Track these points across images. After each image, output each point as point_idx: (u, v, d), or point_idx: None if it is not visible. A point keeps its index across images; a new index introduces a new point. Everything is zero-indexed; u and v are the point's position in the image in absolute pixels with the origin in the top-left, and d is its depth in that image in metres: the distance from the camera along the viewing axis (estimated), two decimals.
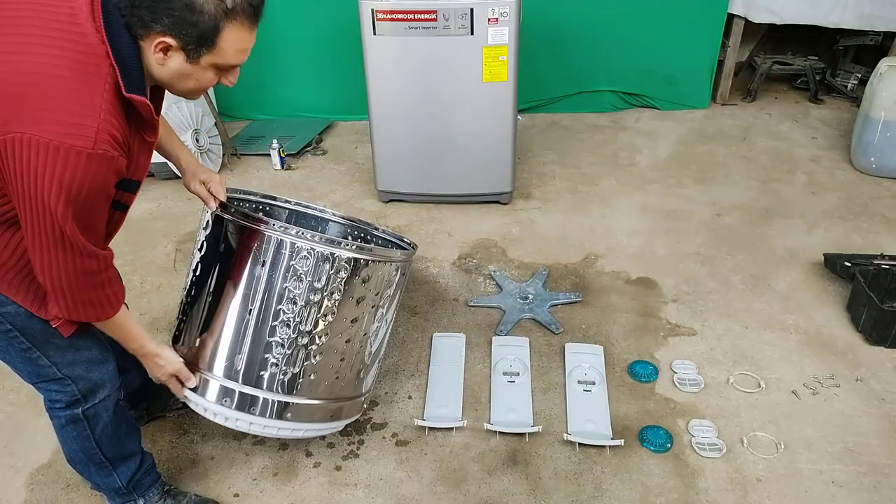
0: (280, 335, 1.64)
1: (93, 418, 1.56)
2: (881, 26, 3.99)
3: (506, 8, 2.74)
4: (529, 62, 3.63)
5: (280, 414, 1.69)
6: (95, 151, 1.15)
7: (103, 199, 1.25)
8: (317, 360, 1.70)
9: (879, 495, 1.82)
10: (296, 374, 1.68)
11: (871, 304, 2.31)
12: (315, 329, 1.66)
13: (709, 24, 4.12)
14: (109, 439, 1.61)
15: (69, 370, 1.48)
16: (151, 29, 1.19)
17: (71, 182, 1.15)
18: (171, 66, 1.24)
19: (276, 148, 3.71)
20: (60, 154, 1.12)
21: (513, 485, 1.88)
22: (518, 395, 2.16)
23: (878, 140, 3.37)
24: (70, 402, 1.52)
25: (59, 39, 1.15)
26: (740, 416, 2.07)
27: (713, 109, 4.38)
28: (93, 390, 1.53)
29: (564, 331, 2.44)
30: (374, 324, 1.79)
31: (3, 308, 1.35)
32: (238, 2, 1.21)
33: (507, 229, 3.12)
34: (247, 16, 1.24)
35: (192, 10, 1.18)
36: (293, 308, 1.63)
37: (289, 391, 1.69)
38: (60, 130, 1.12)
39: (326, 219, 2.16)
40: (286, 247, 1.59)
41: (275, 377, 1.66)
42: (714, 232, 3.05)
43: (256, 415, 1.67)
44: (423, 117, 3.06)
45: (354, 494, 1.87)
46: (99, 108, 1.16)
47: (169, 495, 1.78)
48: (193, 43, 1.21)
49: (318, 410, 1.76)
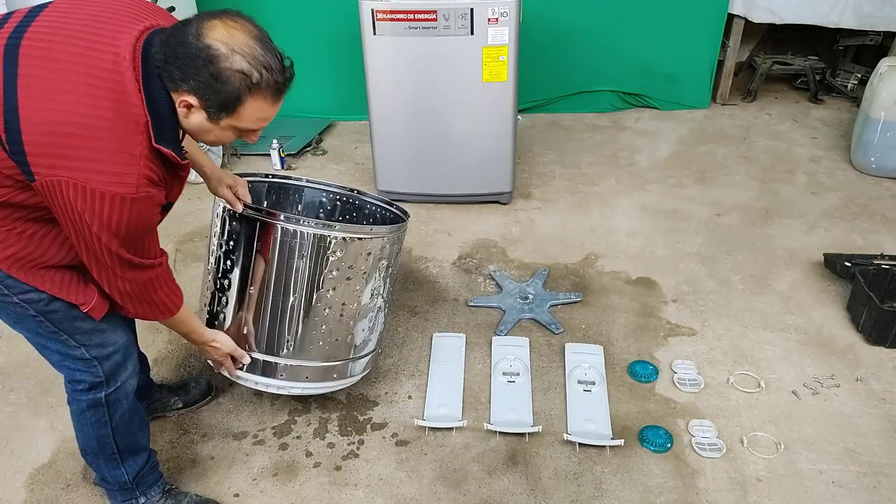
0: (323, 314, 1.88)
1: (113, 404, 1.60)
2: (881, 26, 3.99)
3: (506, 8, 2.74)
4: (529, 62, 3.62)
5: (325, 376, 1.97)
6: (138, 195, 1.25)
7: (150, 228, 1.37)
8: (353, 327, 1.96)
9: (879, 495, 1.82)
10: (337, 342, 1.94)
11: (871, 304, 2.31)
12: (347, 304, 1.90)
13: (709, 24, 4.12)
14: (125, 428, 1.65)
15: (97, 351, 1.53)
16: (179, 86, 1.26)
17: (119, 223, 1.26)
18: (192, 120, 1.33)
19: (275, 148, 3.70)
20: (106, 200, 1.22)
21: (513, 485, 1.88)
22: (518, 395, 2.16)
23: (878, 140, 3.37)
24: (94, 384, 1.56)
25: (102, 89, 1.22)
26: (740, 416, 2.07)
27: (713, 109, 4.38)
28: (115, 373, 1.58)
29: (564, 331, 2.44)
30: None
31: (26, 295, 1.40)
32: (264, 78, 1.28)
33: (507, 229, 3.12)
34: (271, 91, 1.31)
35: (218, 80, 1.25)
36: (334, 290, 1.85)
37: (329, 357, 1.95)
38: (105, 179, 1.22)
39: (303, 187, 2.25)
40: (322, 239, 1.77)
41: (321, 347, 1.92)
42: (714, 232, 3.05)
43: (307, 381, 1.95)
44: (423, 117, 3.06)
45: (354, 494, 1.87)
46: (139, 156, 1.25)
47: (170, 495, 1.79)
48: (215, 107, 1.29)
49: (339, 367, 2.01)
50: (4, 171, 1.24)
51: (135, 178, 1.24)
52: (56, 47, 1.23)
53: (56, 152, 1.20)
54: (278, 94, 1.33)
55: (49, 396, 2.22)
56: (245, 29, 1.27)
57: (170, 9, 3.42)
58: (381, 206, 2.26)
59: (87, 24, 1.26)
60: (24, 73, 1.20)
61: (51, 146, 1.20)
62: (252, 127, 1.37)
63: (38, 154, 1.20)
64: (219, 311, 1.89)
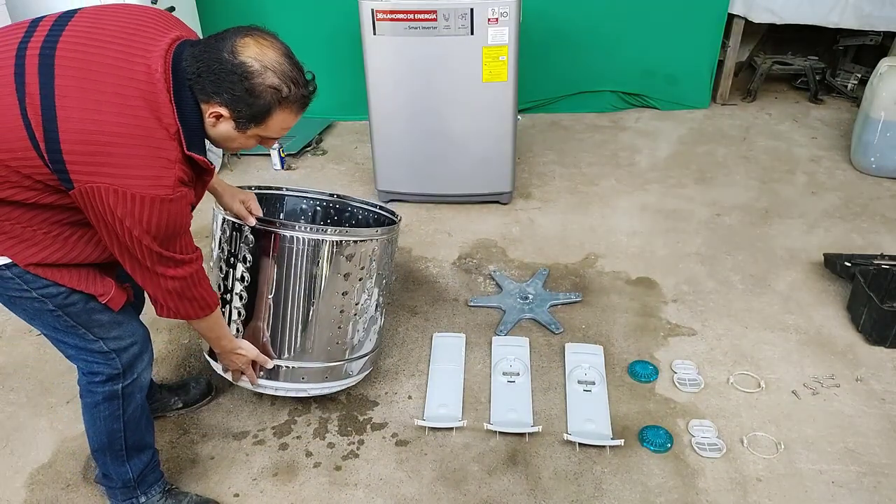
0: (339, 316, 1.93)
1: (128, 397, 1.63)
2: (881, 26, 3.99)
3: (506, 8, 2.74)
4: (529, 62, 3.62)
5: (342, 375, 2.02)
6: (175, 195, 1.33)
7: (185, 226, 1.44)
8: (364, 327, 2.02)
9: (879, 495, 1.82)
10: (351, 343, 2.00)
11: (871, 304, 2.31)
12: (359, 303, 1.96)
13: (709, 24, 4.12)
14: (135, 424, 1.67)
15: (115, 343, 1.56)
16: (212, 98, 1.34)
17: (158, 224, 1.32)
18: (220, 129, 1.41)
19: (276, 148, 3.70)
20: (146, 203, 1.28)
21: (513, 485, 1.88)
22: (518, 395, 2.16)
23: (878, 140, 3.37)
24: (111, 375, 1.58)
25: (137, 99, 1.28)
26: (740, 416, 2.07)
27: (713, 109, 4.38)
28: (133, 365, 1.60)
29: (564, 331, 2.44)
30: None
31: (46, 290, 1.43)
32: (293, 92, 1.38)
33: (507, 229, 3.12)
34: (298, 104, 1.42)
35: (252, 94, 1.34)
36: (345, 293, 1.91)
37: (345, 356, 2.01)
38: (144, 183, 1.28)
39: (283, 196, 2.23)
40: (339, 245, 1.84)
41: (339, 347, 1.98)
42: (714, 232, 3.05)
43: (328, 381, 2.01)
44: (423, 117, 3.06)
45: (354, 494, 1.87)
46: (174, 161, 1.32)
47: (170, 494, 1.80)
48: (245, 119, 1.38)
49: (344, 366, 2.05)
50: (36, 177, 1.27)
51: (171, 181, 1.31)
52: (90, 58, 1.27)
53: (96, 160, 1.24)
54: (304, 106, 1.44)
55: (49, 396, 2.22)
56: (275, 46, 1.36)
57: (170, 9, 3.42)
58: (365, 208, 2.26)
59: (118, 35, 1.31)
60: (61, 83, 1.24)
61: (90, 154, 1.24)
62: (275, 136, 1.47)
63: (78, 163, 1.24)
64: (233, 322, 1.90)
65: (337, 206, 2.27)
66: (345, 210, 2.27)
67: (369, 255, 1.90)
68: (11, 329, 2.51)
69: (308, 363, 1.95)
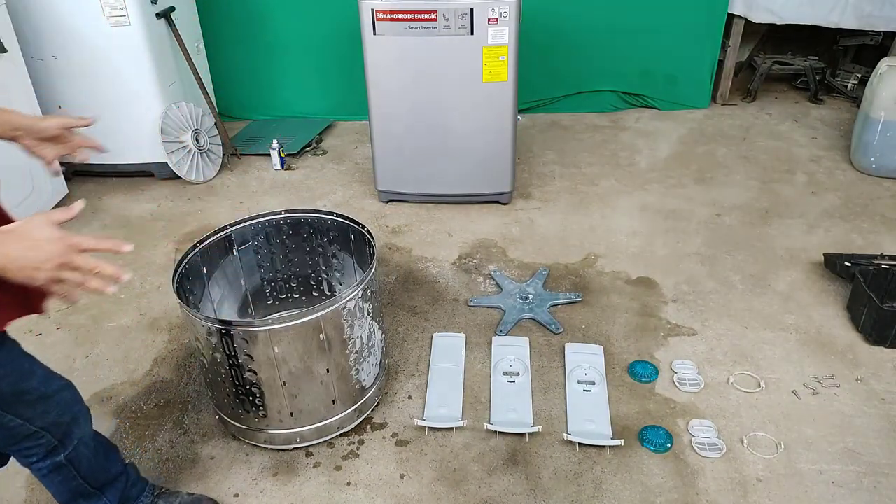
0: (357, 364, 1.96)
1: (76, 460, 1.52)
2: (881, 26, 4.00)
3: (506, 8, 2.74)
4: (529, 62, 3.63)
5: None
6: None
7: None
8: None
9: (879, 495, 1.82)
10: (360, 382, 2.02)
11: (871, 304, 2.31)
12: (363, 346, 1.97)
13: (709, 24, 4.13)
14: (95, 472, 1.58)
15: (41, 421, 1.41)
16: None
17: None
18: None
19: (276, 148, 3.71)
20: None
21: (513, 485, 1.88)
22: (518, 395, 2.16)
23: (878, 140, 3.37)
24: (48, 450, 1.47)
25: None
26: (740, 416, 2.07)
27: (713, 109, 4.39)
28: (68, 433, 1.48)
29: (564, 331, 2.44)
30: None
31: None
32: None
33: (507, 229, 3.12)
34: None
35: None
36: (352, 347, 1.91)
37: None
38: None
39: (229, 234, 2.13)
40: (338, 312, 1.81)
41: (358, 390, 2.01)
42: (714, 232, 3.05)
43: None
44: (423, 117, 3.06)
45: (354, 494, 1.87)
46: None
47: (160, 498, 1.76)
48: None
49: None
50: None
51: None
52: None
53: None
54: None
55: None
56: None
57: (170, 8, 3.42)
58: (320, 217, 2.19)
59: None
60: None
61: None
62: None
63: None
64: (255, 409, 1.90)
65: (289, 221, 2.20)
66: (299, 223, 2.20)
67: (357, 302, 1.85)
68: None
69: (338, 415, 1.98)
